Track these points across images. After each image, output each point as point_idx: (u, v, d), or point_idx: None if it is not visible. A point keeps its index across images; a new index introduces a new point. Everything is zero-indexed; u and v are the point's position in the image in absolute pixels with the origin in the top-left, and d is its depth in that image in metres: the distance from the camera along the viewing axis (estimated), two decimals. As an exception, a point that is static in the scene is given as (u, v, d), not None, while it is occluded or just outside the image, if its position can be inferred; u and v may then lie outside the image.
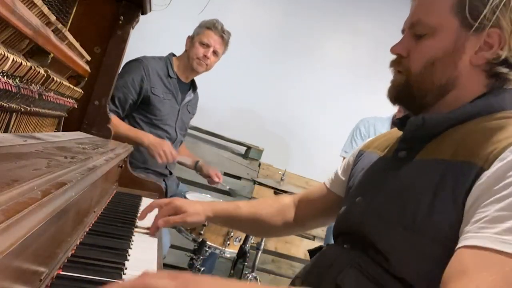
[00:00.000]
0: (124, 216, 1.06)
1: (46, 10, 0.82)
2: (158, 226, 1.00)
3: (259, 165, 2.95)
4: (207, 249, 1.90)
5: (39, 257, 0.55)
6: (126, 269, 0.73)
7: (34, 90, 0.84)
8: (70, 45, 1.06)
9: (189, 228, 1.90)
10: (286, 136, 3.05)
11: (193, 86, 2.24)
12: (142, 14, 1.43)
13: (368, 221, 0.77)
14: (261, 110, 2.96)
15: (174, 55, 2.16)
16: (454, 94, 0.77)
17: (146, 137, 1.93)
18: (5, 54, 0.67)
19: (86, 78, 1.33)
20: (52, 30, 0.90)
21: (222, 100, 2.82)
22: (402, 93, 0.82)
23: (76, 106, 1.24)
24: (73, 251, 0.73)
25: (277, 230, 1.15)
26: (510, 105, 0.75)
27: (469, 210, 0.64)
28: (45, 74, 0.87)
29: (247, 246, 1.97)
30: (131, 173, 1.49)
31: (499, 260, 0.57)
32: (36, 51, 0.88)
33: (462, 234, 0.62)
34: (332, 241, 0.93)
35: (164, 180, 2.11)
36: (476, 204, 0.63)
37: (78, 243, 0.78)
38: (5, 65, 0.69)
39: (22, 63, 0.74)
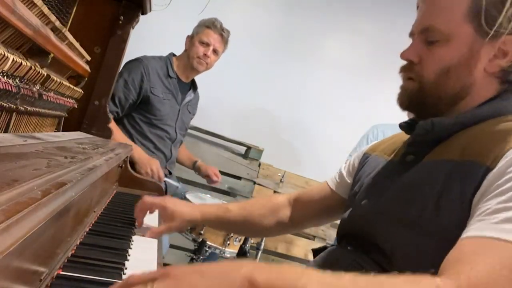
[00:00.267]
0: (124, 216, 1.06)
1: (46, 10, 0.82)
2: (146, 235, 0.98)
3: (259, 165, 2.95)
4: (207, 249, 1.90)
5: (39, 257, 0.55)
6: (126, 269, 0.73)
7: (34, 90, 0.84)
8: (70, 45, 1.06)
9: (189, 227, 1.90)
10: (286, 136, 3.05)
11: (193, 86, 2.24)
12: (142, 14, 1.43)
13: (372, 221, 0.77)
14: (261, 110, 2.96)
15: (174, 55, 2.16)
16: (466, 101, 0.77)
17: (137, 152, 1.92)
18: (5, 54, 0.67)
19: (86, 78, 1.33)
20: (52, 30, 0.90)
21: (222, 100, 2.82)
22: (414, 100, 0.80)
23: (76, 106, 1.24)
24: (73, 251, 0.73)
25: (270, 230, 1.14)
26: None
27: (474, 208, 0.64)
28: (45, 74, 0.87)
29: (247, 246, 1.97)
30: (131, 173, 1.49)
31: (497, 246, 0.57)
32: (36, 51, 0.88)
33: (466, 227, 0.62)
34: None
35: (164, 180, 2.11)
36: (480, 200, 0.64)
37: (78, 243, 0.78)
38: (5, 65, 0.69)
39: (22, 63, 0.74)
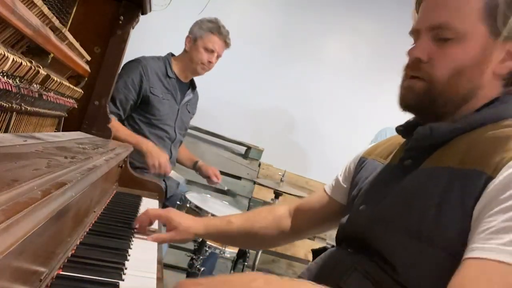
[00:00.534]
0: (124, 216, 1.06)
1: (46, 10, 0.82)
2: (148, 239, 0.98)
3: (259, 165, 2.95)
4: (207, 249, 1.90)
5: (39, 257, 0.55)
6: (126, 269, 0.73)
7: (34, 90, 0.84)
8: (70, 45, 1.06)
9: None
10: (286, 136, 3.05)
11: (192, 85, 2.24)
12: (142, 14, 1.43)
13: (372, 228, 0.76)
14: (261, 110, 2.96)
15: (173, 55, 2.16)
16: (471, 103, 0.75)
17: (145, 144, 1.92)
18: (5, 54, 0.67)
19: (86, 78, 1.33)
20: (52, 30, 0.90)
21: (222, 100, 2.82)
22: (422, 100, 0.76)
23: (76, 106, 1.24)
24: (73, 251, 0.73)
25: (272, 241, 1.13)
26: None
27: (476, 219, 0.63)
28: (45, 74, 0.87)
29: (247, 246, 1.97)
30: (131, 173, 1.49)
31: (502, 270, 0.56)
32: (36, 51, 0.88)
33: (468, 244, 0.61)
34: None
35: (164, 180, 2.11)
36: (482, 213, 0.62)
37: (78, 243, 0.78)
38: (5, 65, 0.69)
39: (22, 63, 0.74)
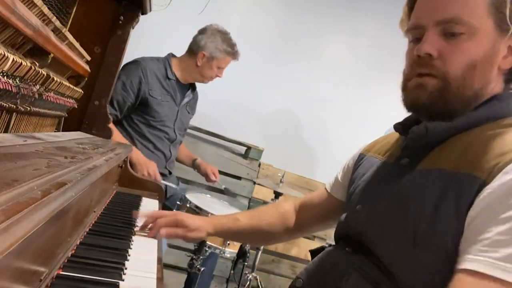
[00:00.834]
0: (124, 216, 1.06)
1: (46, 10, 0.82)
2: (160, 234, 0.98)
3: (259, 165, 2.95)
4: (207, 249, 1.89)
5: (39, 257, 0.55)
6: (126, 269, 0.73)
7: (34, 90, 0.84)
8: (70, 45, 1.06)
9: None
10: (286, 136, 3.04)
11: (192, 86, 2.24)
12: (142, 14, 1.43)
13: (368, 231, 0.76)
14: (261, 110, 2.96)
15: (174, 56, 2.16)
16: (479, 100, 0.74)
17: (136, 154, 1.93)
18: (5, 54, 0.67)
19: (86, 78, 1.33)
20: (52, 30, 0.90)
21: (222, 100, 2.82)
22: (436, 99, 0.73)
23: (76, 106, 1.24)
24: (73, 251, 0.73)
25: (278, 237, 1.14)
26: None
27: (469, 226, 0.62)
28: (45, 74, 0.87)
29: (247, 246, 1.97)
30: (131, 173, 1.50)
31: (495, 287, 0.56)
32: (36, 51, 0.88)
33: (462, 254, 0.61)
34: None
35: (164, 180, 2.11)
36: (477, 220, 0.61)
37: (78, 243, 0.78)
38: (5, 65, 0.69)
39: (22, 63, 0.74)
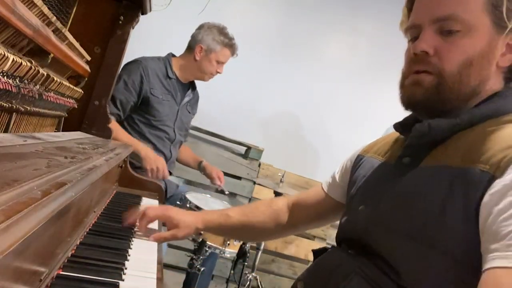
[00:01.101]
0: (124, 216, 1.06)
1: (46, 10, 0.82)
2: (150, 239, 0.98)
3: (259, 165, 2.95)
4: (207, 249, 1.89)
5: (39, 257, 0.55)
6: (126, 269, 0.73)
7: (34, 90, 0.84)
8: (70, 45, 1.06)
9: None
10: (286, 136, 3.04)
11: (192, 85, 2.24)
12: (142, 14, 1.43)
13: (373, 230, 0.74)
14: (261, 110, 2.96)
15: (174, 55, 2.16)
16: (478, 97, 0.74)
17: (144, 149, 1.93)
18: (5, 54, 0.67)
19: (86, 78, 1.33)
20: (52, 30, 0.90)
21: (222, 100, 2.82)
22: (432, 96, 0.74)
23: (76, 106, 1.24)
24: (73, 251, 0.73)
25: (269, 234, 1.15)
26: None
27: (488, 222, 0.60)
28: (45, 74, 0.87)
29: (247, 246, 1.97)
30: (131, 173, 1.50)
31: None
32: (36, 51, 0.88)
33: (488, 252, 0.59)
34: None
35: (164, 180, 2.11)
36: (495, 216, 0.59)
37: (78, 243, 0.78)
38: (5, 65, 0.69)
39: (22, 63, 0.74)
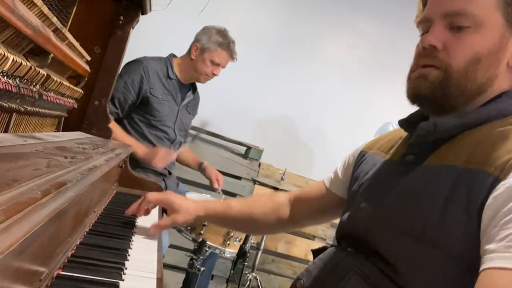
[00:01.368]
0: (124, 216, 1.06)
1: (46, 10, 0.82)
2: (150, 232, 0.99)
3: (259, 165, 2.95)
4: (207, 249, 1.89)
5: (39, 257, 0.55)
6: (126, 269, 0.73)
7: (34, 90, 0.84)
8: (70, 45, 1.06)
9: (189, 227, 1.90)
10: (286, 136, 3.05)
11: (193, 87, 2.24)
12: (142, 14, 1.43)
13: (373, 228, 0.74)
14: (261, 110, 2.96)
15: (175, 56, 2.16)
16: (485, 95, 0.74)
17: (140, 148, 1.93)
18: (5, 54, 0.67)
19: (86, 78, 1.33)
20: (52, 30, 0.90)
21: (222, 100, 2.82)
22: (436, 90, 0.73)
23: (76, 106, 1.24)
24: (73, 251, 0.73)
25: (270, 228, 1.15)
26: None
27: (489, 224, 0.59)
28: (45, 74, 0.87)
29: (247, 246, 1.97)
30: (131, 173, 1.50)
31: None
32: (36, 51, 0.88)
33: (487, 253, 0.58)
34: None
35: (163, 180, 2.11)
36: (497, 218, 0.58)
37: (78, 243, 0.78)
38: (5, 65, 0.69)
39: (22, 63, 0.74)
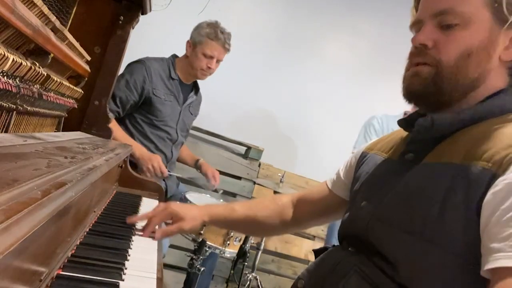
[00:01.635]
0: (124, 216, 1.06)
1: (46, 10, 0.82)
2: (155, 236, 1.00)
3: (259, 165, 2.95)
4: (207, 249, 1.89)
5: (39, 257, 0.55)
6: (126, 269, 0.73)
7: (34, 90, 0.84)
8: (70, 45, 1.06)
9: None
10: (286, 136, 3.05)
11: (195, 87, 2.25)
12: (142, 14, 1.43)
13: (374, 226, 0.74)
14: (261, 110, 2.96)
15: (177, 56, 2.17)
16: (479, 91, 0.74)
17: (138, 149, 1.94)
18: (5, 54, 0.67)
19: (86, 78, 1.33)
20: (52, 30, 0.90)
21: (222, 100, 2.82)
22: (429, 86, 0.74)
23: (76, 106, 1.24)
24: (73, 251, 0.73)
25: (274, 230, 1.16)
26: None
27: (489, 221, 0.59)
28: (45, 74, 0.87)
29: (247, 246, 1.97)
30: (131, 173, 1.50)
31: None
32: (36, 51, 0.88)
33: (491, 252, 0.58)
34: (333, 240, 0.91)
35: (164, 180, 2.11)
36: (498, 215, 0.58)
37: (78, 243, 0.78)
38: (5, 65, 0.69)
39: (22, 63, 0.74)
